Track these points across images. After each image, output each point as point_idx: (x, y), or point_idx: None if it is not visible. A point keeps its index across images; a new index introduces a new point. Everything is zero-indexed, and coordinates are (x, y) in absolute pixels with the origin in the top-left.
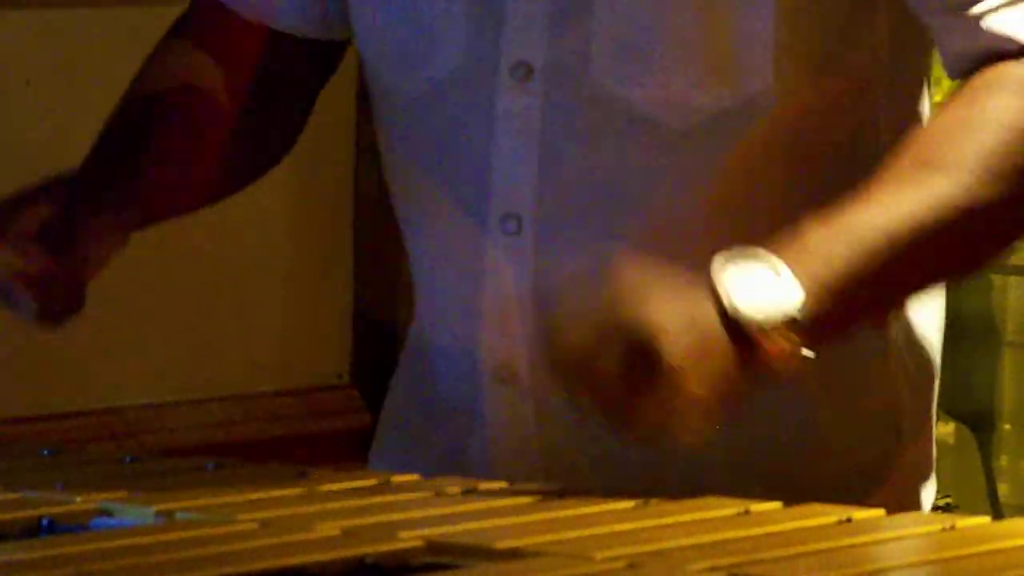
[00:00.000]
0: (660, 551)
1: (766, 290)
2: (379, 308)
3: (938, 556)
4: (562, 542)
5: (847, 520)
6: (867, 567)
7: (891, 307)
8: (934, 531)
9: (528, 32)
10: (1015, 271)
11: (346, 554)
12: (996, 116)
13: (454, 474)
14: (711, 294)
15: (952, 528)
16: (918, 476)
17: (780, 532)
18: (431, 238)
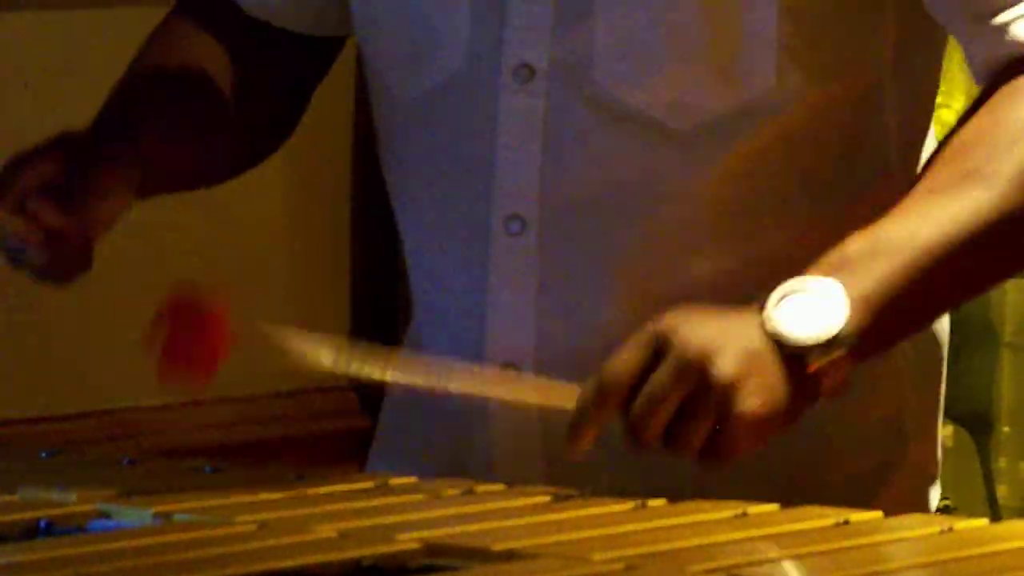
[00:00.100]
0: (658, 553)
1: (812, 314)
2: (377, 310)
3: (936, 558)
4: (560, 544)
5: (845, 522)
6: (865, 569)
7: (933, 319)
8: (932, 533)
9: (531, 33)
10: None
11: (344, 556)
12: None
13: (456, 475)
14: (758, 320)
15: (950, 530)
16: (924, 478)
17: (778, 534)
18: (434, 241)
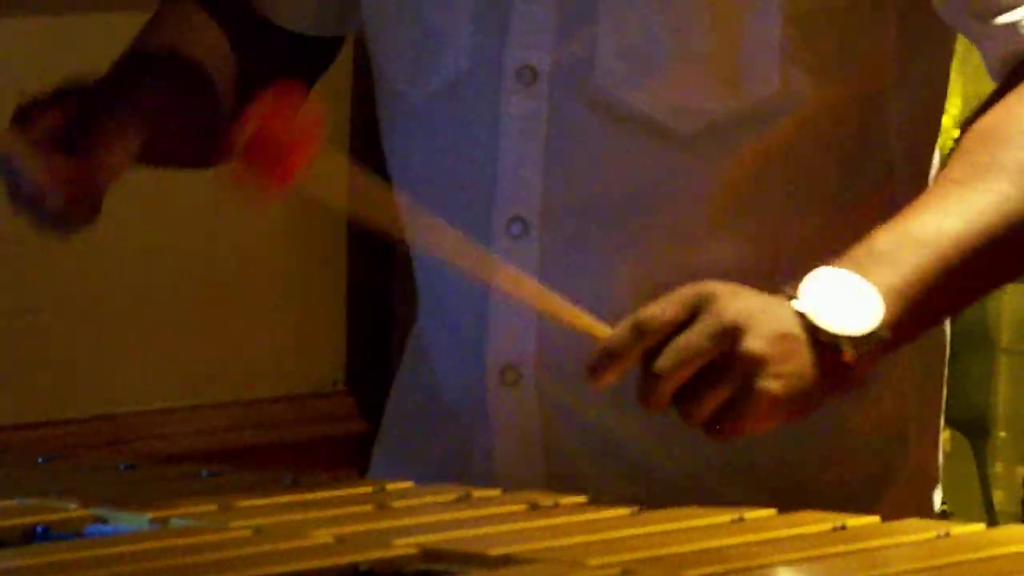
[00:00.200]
0: (654, 558)
1: (846, 302)
2: (374, 314)
3: (933, 563)
4: (556, 549)
5: (842, 527)
6: (862, 574)
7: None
8: (929, 538)
9: (533, 36)
10: None
11: (340, 561)
12: None
13: (458, 476)
14: (792, 307)
15: (947, 535)
16: (926, 482)
17: (775, 539)
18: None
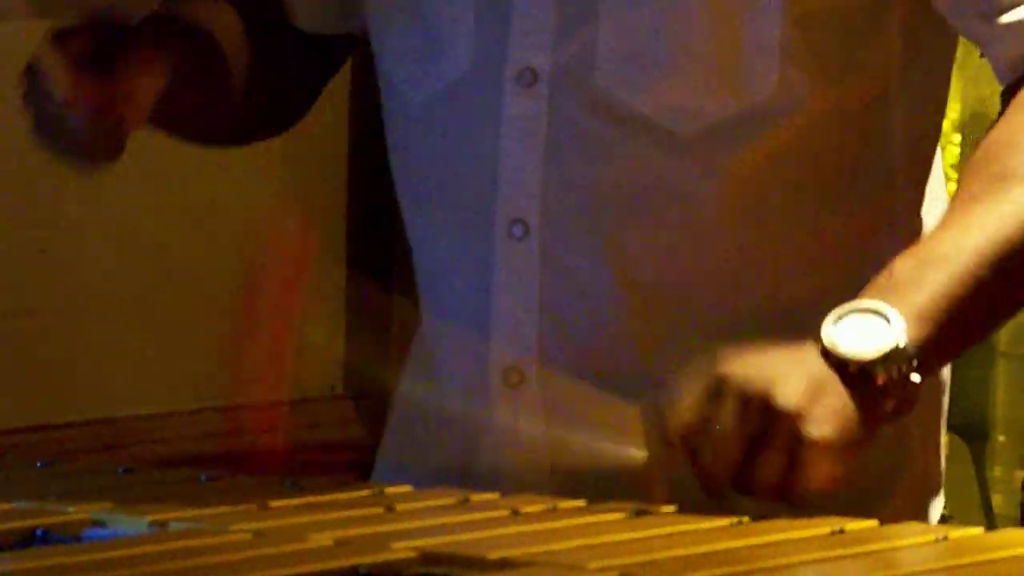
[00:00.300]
0: (652, 562)
1: (869, 330)
2: (372, 320)
3: (931, 567)
4: (555, 552)
5: (840, 531)
6: None
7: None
8: (927, 541)
9: (534, 38)
10: None
11: (339, 564)
12: None
13: (463, 478)
14: (817, 346)
15: (945, 539)
16: (927, 489)
17: (774, 542)
18: (440, 244)
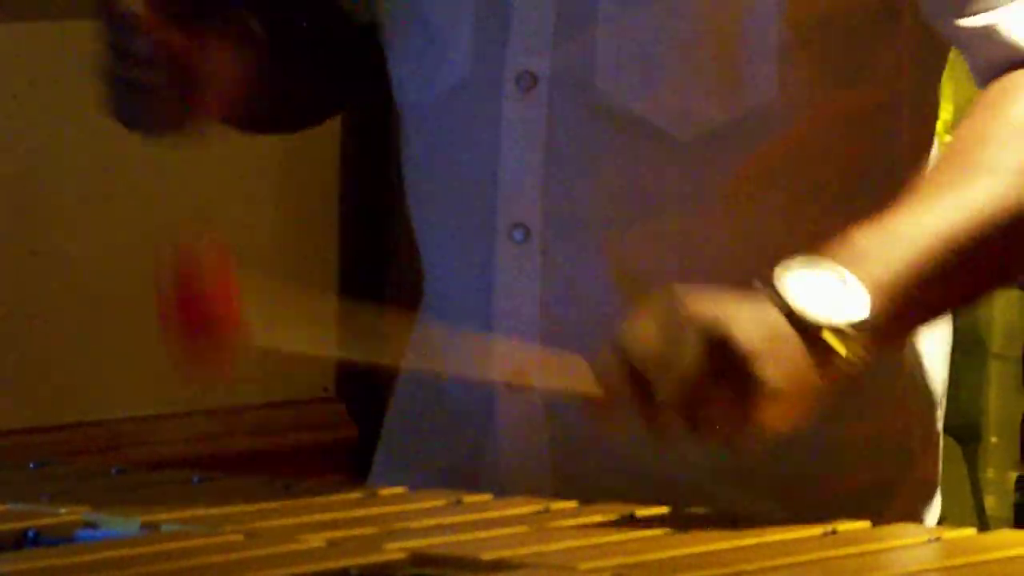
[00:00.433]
0: (645, 563)
1: (830, 294)
2: (364, 321)
3: (924, 568)
4: (547, 554)
5: (832, 532)
6: None
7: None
8: (920, 543)
9: (533, 42)
10: None
11: (331, 566)
12: (1020, 122)
13: (465, 480)
14: (775, 300)
15: (938, 540)
16: (927, 493)
17: (766, 543)
18: (443, 246)
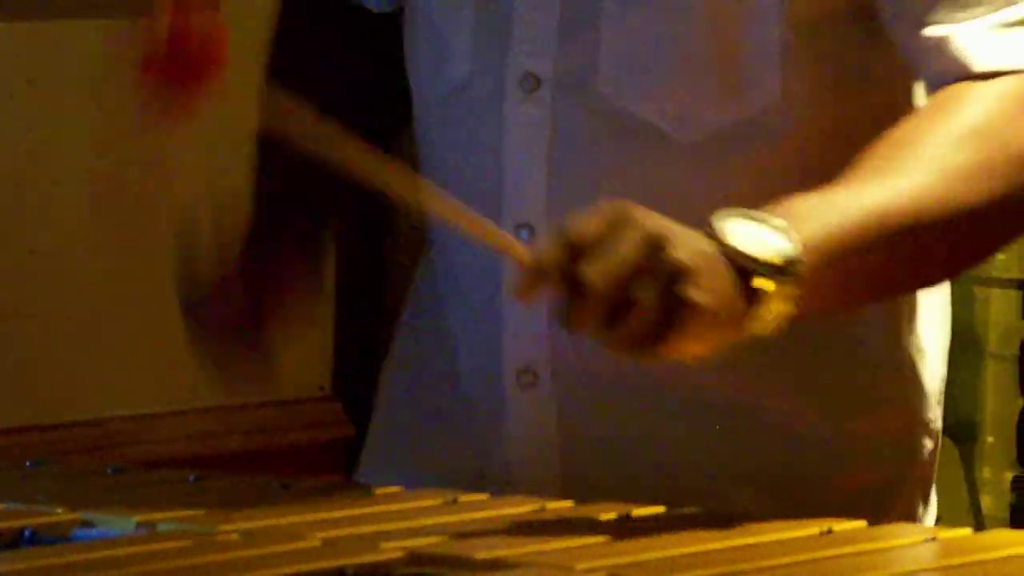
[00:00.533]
0: (641, 562)
1: (762, 236)
2: (360, 320)
3: (920, 567)
4: (543, 553)
5: (828, 531)
6: None
7: (872, 293)
8: (916, 542)
9: (536, 43)
10: (997, 283)
11: (327, 565)
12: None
13: (473, 481)
14: (712, 236)
15: (934, 539)
16: (927, 494)
17: (762, 543)
18: (453, 245)
